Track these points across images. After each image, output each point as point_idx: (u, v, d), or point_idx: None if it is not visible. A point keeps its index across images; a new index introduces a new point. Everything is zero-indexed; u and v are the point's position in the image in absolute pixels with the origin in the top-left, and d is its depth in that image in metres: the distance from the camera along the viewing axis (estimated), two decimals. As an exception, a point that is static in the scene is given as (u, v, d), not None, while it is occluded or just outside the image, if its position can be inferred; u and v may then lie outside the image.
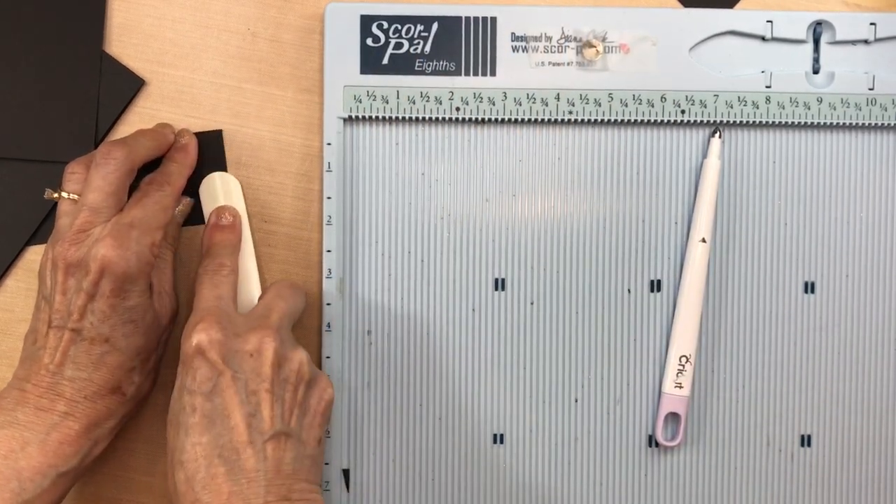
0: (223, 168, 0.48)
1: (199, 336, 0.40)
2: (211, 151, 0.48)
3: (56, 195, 0.44)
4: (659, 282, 0.48)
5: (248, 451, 0.39)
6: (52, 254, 0.42)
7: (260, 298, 0.45)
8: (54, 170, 0.47)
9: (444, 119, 0.48)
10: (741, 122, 0.48)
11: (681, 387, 0.47)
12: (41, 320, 0.43)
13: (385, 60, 0.47)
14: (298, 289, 0.45)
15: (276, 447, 0.39)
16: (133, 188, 0.45)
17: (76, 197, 0.44)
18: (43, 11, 0.48)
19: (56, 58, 0.48)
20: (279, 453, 0.39)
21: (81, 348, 0.42)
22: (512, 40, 0.47)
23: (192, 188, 0.47)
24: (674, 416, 0.48)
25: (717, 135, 0.48)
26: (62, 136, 0.47)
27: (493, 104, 0.47)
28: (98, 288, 0.41)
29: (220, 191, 0.47)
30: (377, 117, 0.47)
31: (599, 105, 0.47)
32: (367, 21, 0.47)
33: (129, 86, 0.48)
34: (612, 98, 0.47)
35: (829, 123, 0.48)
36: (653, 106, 0.48)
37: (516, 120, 0.47)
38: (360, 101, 0.47)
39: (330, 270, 0.47)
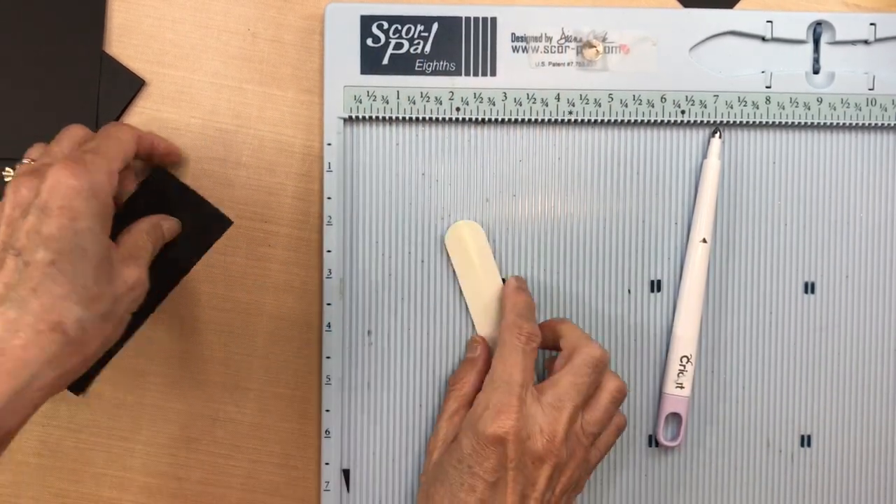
0: (205, 246, 0.48)
1: (505, 427, 0.40)
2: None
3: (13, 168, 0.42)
4: (659, 282, 0.48)
5: None
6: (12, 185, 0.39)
7: (560, 372, 0.43)
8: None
9: (444, 119, 0.48)
10: (741, 122, 0.48)
11: (682, 387, 0.47)
12: None
13: (385, 60, 0.47)
14: (601, 364, 0.44)
15: None
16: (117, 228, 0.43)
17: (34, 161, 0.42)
18: (43, 12, 0.48)
19: (56, 58, 0.48)
20: None
21: (24, 273, 0.37)
22: (512, 40, 0.47)
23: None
24: (675, 417, 0.48)
25: (717, 135, 0.48)
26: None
27: (493, 104, 0.47)
28: (47, 205, 0.38)
29: (469, 239, 0.47)
30: (377, 117, 0.47)
31: (599, 105, 0.47)
32: (367, 21, 0.47)
33: (130, 86, 0.48)
34: (612, 98, 0.47)
35: (829, 123, 0.48)
36: (653, 106, 0.48)
37: (516, 120, 0.47)
38: (361, 102, 0.47)
39: (330, 270, 0.47)
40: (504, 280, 0.48)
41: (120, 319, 0.41)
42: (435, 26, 0.47)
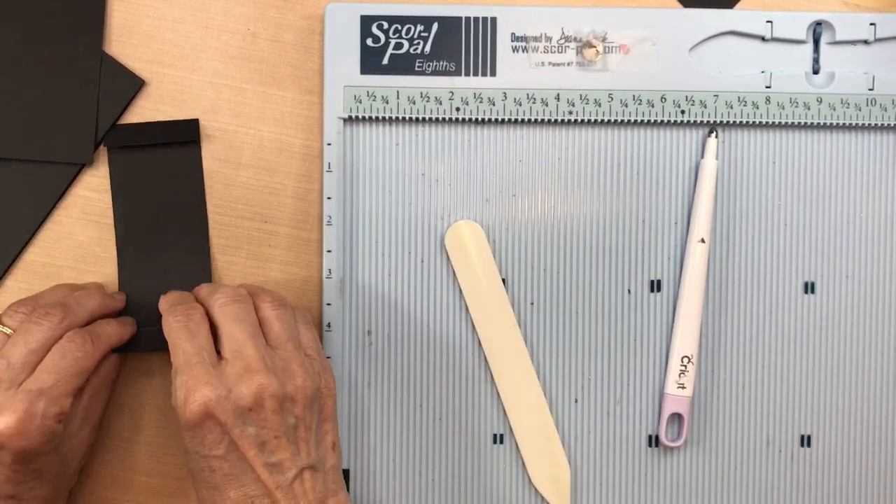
0: (198, 157, 0.48)
1: (196, 402, 0.39)
2: (188, 157, 0.48)
3: None
4: (659, 282, 0.48)
5: (277, 495, 0.39)
6: None
7: (217, 329, 0.42)
8: (54, 170, 0.47)
9: (444, 119, 0.48)
10: (741, 122, 0.48)
11: (683, 387, 0.47)
12: None
13: (385, 60, 0.47)
14: (240, 295, 0.43)
15: (302, 483, 0.40)
16: None
17: (9, 332, 0.42)
18: (43, 12, 0.48)
19: (56, 58, 0.48)
20: (306, 487, 0.40)
21: None
22: (512, 40, 0.47)
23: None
24: (676, 417, 0.48)
25: (714, 134, 0.48)
26: (62, 136, 0.47)
27: (493, 104, 0.47)
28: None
29: (469, 239, 0.47)
30: (377, 117, 0.47)
31: (599, 105, 0.47)
32: (367, 21, 0.47)
33: (130, 86, 0.48)
34: (611, 98, 0.47)
35: (829, 124, 0.48)
36: (653, 106, 0.48)
37: (516, 120, 0.47)
38: (360, 102, 0.47)
39: (330, 270, 0.47)
40: (504, 280, 0.48)
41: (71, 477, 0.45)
42: (435, 26, 0.47)
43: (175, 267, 0.48)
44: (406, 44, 0.47)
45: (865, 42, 0.48)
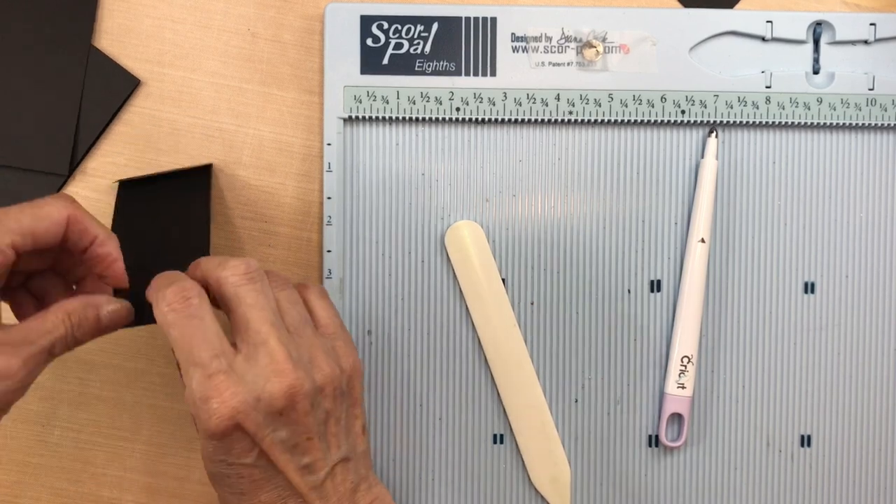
0: (206, 201, 0.45)
1: (221, 416, 0.35)
2: (197, 187, 0.46)
3: None
4: (659, 282, 0.48)
5: (312, 496, 0.37)
6: None
7: (231, 315, 0.37)
8: (42, 177, 0.47)
9: (444, 119, 0.48)
10: (741, 122, 0.48)
11: (683, 387, 0.47)
12: None
13: (385, 61, 0.47)
14: (252, 270, 0.37)
15: (334, 478, 0.38)
16: None
17: None
18: (32, 5, 0.47)
19: (43, 54, 0.47)
20: (337, 481, 0.38)
21: None
22: (512, 40, 0.47)
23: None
24: (676, 417, 0.48)
25: (714, 134, 0.48)
26: (41, 146, 0.47)
27: (493, 104, 0.47)
28: None
29: (469, 239, 0.47)
30: (377, 117, 0.47)
31: (599, 105, 0.47)
32: (367, 21, 0.47)
33: (125, 85, 0.48)
34: (612, 98, 0.47)
35: (829, 123, 0.48)
36: (653, 106, 0.48)
37: (516, 120, 0.47)
38: (361, 102, 0.47)
39: (330, 270, 0.47)
40: (504, 280, 0.48)
41: None
42: (435, 26, 0.47)
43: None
44: (406, 44, 0.47)
45: (865, 42, 0.48)
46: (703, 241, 0.47)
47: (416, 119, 0.48)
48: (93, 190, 0.48)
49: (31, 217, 0.36)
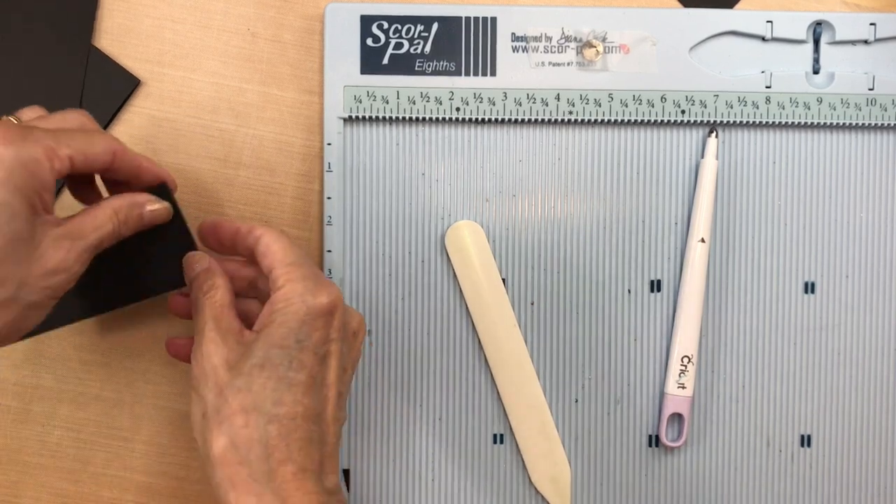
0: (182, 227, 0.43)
1: (333, 297, 0.39)
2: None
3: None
4: (659, 282, 0.48)
5: (332, 428, 0.39)
6: None
7: (273, 266, 0.40)
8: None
9: (444, 119, 0.48)
10: (741, 122, 0.48)
11: (683, 387, 0.47)
12: None
13: (385, 60, 0.47)
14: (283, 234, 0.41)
15: (339, 424, 0.40)
16: None
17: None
18: (33, 5, 0.47)
19: (43, 52, 0.47)
20: (340, 427, 0.40)
21: None
22: (512, 40, 0.47)
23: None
24: (676, 417, 0.48)
25: (714, 134, 0.48)
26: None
27: (493, 104, 0.47)
28: None
29: (469, 239, 0.47)
30: (377, 117, 0.47)
31: (599, 105, 0.47)
32: (367, 21, 0.47)
33: (125, 85, 0.48)
34: (612, 98, 0.47)
35: (829, 123, 0.48)
36: (653, 106, 0.48)
37: (516, 120, 0.47)
38: (361, 102, 0.47)
39: (330, 270, 0.47)
40: (504, 280, 0.48)
41: (30, 306, 0.37)
42: (435, 26, 0.47)
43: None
44: (406, 44, 0.47)
45: (865, 42, 0.48)
46: (703, 241, 0.47)
47: (416, 119, 0.48)
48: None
49: (84, 140, 0.38)
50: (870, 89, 0.48)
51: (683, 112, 0.48)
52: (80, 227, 0.38)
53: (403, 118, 0.47)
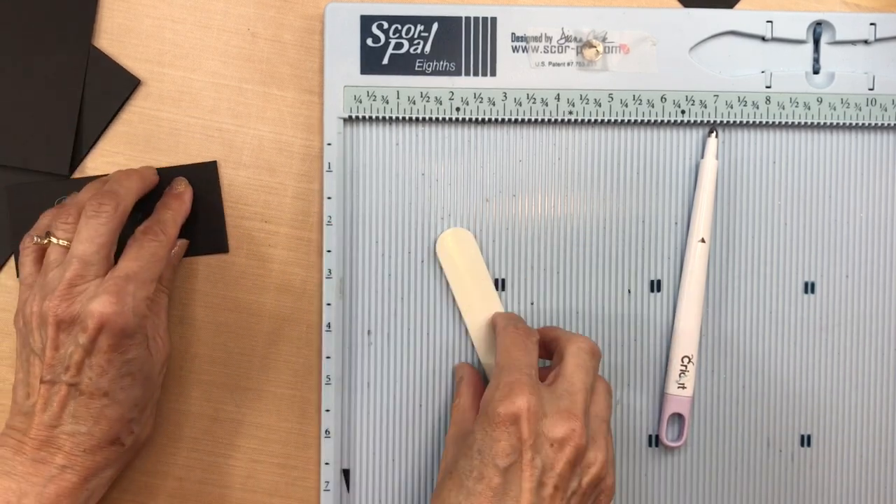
0: (218, 199, 0.48)
1: (517, 403, 0.38)
2: (206, 183, 0.48)
3: (45, 241, 0.44)
4: (659, 282, 0.48)
5: None
6: (39, 308, 0.41)
7: (561, 364, 0.42)
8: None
9: (444, 119, 0.48)
10: (741, 122, 0.48)
11: (684, 387, 0.47)
12: (32, 374, 0.42)
13: (385, 61, 0.47)
14: (597, 354, 0.42)
15: None
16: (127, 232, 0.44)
17: (66, 244, 0.43)
18: (33, 5, 0.47)
19: (44, 53, 0.47)
20: None
21: (80, 403, 0.41)
22: (512, 40, 0.47)
23: (184, 231, 0.47)
24: (677, 417, 0.48)
25: (714, 134, 0.48)
26: (42, 146, 0.47)
27: (493, 104, 0.47)
28: (95, 344, 0.41)
29: (456, 248, 0.47)
30: (377, 117, 0.47)
31: (599, 105, 0.47)
32: (367, 21, 0.47)
33: (125, 85, 0.48)
34: (612, 98, 0.47)
35: (829, 123, 0.48)
36: (653, 106, 0.48)
37: (516, 120, 0.47)
38: (361, 102, 0.47)
39: (330, 270, 0.47)
40: (504, 281, 0.48)
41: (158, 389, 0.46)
42: (435, 26, 0.47)
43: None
44: (406, 44, 0.47)
45: (865, 42, 0.48)
46: (703, 241, 0.47)
47: (416, 119, 0.48)
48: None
49: (141, 183, 0.46)
50: (870, 89, 0.48)
51: (683, 112, 0.48)
52: (162, 322, 0.46)
53: (403, 118, 0.47)
